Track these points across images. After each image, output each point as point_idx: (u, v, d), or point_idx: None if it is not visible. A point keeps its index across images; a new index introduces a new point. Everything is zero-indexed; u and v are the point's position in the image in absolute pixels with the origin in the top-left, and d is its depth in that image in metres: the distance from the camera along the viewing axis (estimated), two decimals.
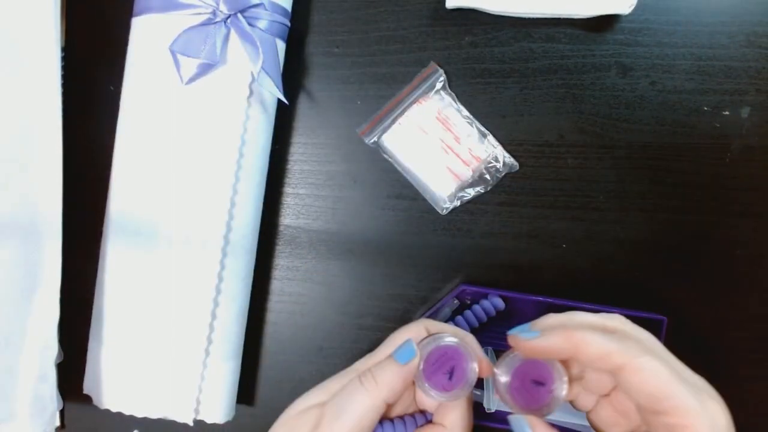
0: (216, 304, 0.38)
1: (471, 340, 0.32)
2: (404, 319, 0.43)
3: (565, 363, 0.30)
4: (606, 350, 0.26)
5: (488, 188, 0.42)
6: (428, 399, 0.32)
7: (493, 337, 0.42)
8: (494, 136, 0.42)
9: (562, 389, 0.29)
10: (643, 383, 0.26)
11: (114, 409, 0.39)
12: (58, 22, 0.36)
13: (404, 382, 0.30)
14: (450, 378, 0.31)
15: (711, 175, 0.41)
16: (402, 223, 0.43)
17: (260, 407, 0.45)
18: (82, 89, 0.43)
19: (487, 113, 0.42)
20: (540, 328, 0.29)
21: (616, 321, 0.29)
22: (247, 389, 0.44)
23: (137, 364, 0.37)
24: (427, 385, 0.30)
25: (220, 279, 0.37)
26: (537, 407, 0.29)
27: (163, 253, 0.37)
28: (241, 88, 0.36)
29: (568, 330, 0.27)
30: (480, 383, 0.41)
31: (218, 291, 0.37)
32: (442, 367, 0.30)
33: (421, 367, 0.31)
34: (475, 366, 0.31)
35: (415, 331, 0.33)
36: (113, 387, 0.38)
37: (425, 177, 0.42)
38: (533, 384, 0.29)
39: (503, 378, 0.30)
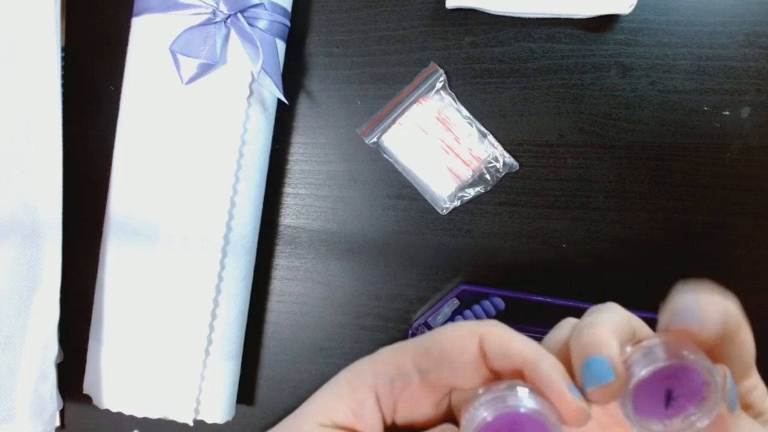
0: (216, 304, 0.38)
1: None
2: (404, 318, 0.43)
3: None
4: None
5: (488, 188, 0.42)
6: None
7: None
8: (494, 136, 0.42)
9: (708, 414, 0.20)
10: (749, 344, 0.21)
11: (114, 409, 0.39)
12: (58, 22, 0.36)
13: None
14: None
15: (711, 175, 0.41)
16: (402, 223, 0.43)
17: (260, 407, 0.45)
18: (82, 89, 0.43)
19: (487, 113, 0.42)
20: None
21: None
22: (247, 389, 0.44)
23: (137, 364, 0.37)
24: None
25: (220, 279, 0.37)
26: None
27: (163, 253, 0.37)
28: (241, 88, 0.36)
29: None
30: None
31: (218, 291, 0.37)
32: None
33: None
34: None
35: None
36: (113, 387, 0.38)
37: (425, 177, 0.42)
38: (667, 398, 0.20)
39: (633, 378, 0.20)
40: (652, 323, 0.40)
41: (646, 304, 0.41)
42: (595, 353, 0.19)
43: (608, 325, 0.20)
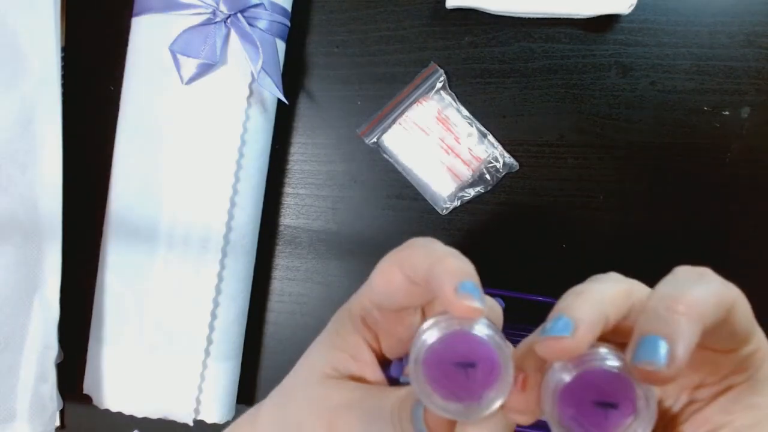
0: (216, 304, 0.38)
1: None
2: None
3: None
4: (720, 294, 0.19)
5: (488, 188, 0.42)
6: None
7: None
8: (494, 136, 0.42)
9: (645, 425, 0.19)
10: (744, 315, 0.20)
11: (114, 409, 0.39)
12: (58, 22, 0.36)
13: None
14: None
15: (711, 175, 0.41)
16: (402, 223, 0.43)
17: None
18: (82, 89, 0.43)
19: (487, 113, 0.42)
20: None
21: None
22: (247, 389, 0.44)
23: (137, 364, 0.37)
24: None
25: (220, 279, 0.37)
26: None
27: (163, 253, 0.37)
28: (241, 88, 0.36)
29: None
30: None
31: (218, 291, 0.37)
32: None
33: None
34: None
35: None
36: (113, 387, 0.38)
37: (425, 177, 0.42)
38: (596, 405, 0.19)
39: (563, 376, 0.19)
40: None
41: None
42: (563, 313, 0.19)
43: (594, 295, 0.20)
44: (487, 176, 0.42)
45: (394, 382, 0.25)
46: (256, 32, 0.36)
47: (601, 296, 0.20)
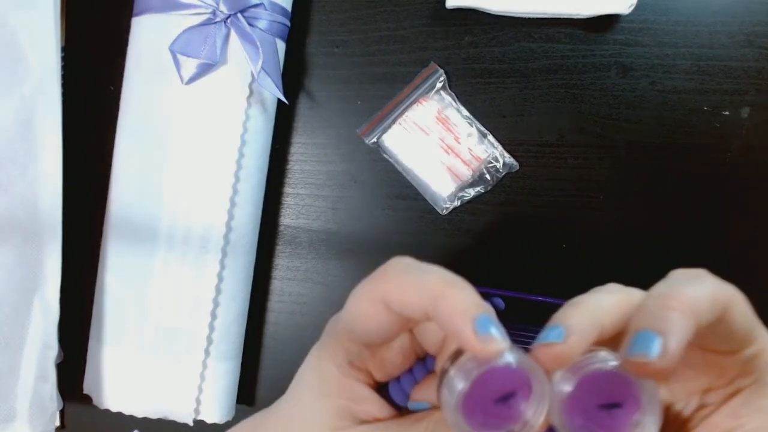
0: (216, 304, 0.38)
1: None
2: None
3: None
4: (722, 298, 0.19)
5: (488, 188, 0.42)
6: None
7: None
8: (494, 136, 0.42)
9: (653, 419, 0.19)
10: (743, 315, 0.20)
11: (114, 409, 0.39)
12: (58, 22, 0.36)
13: None
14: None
15: (711, 175, 0.41)
16: (402, 223, 0.43)
17: (260, 407, 0.45)
18: (82, 89, 0.43)
19: (487, 113, 0.42)
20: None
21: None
22: (247, 389, 0.44)
23: (137, 364, 0.37)
24: None
25: (220, 279, 0.37)
26: None
27: (163, 253, 0.37)
28: (241, 88, 0.36)
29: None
30: None
31: (218, 291, 0.37)
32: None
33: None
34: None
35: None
36: (113, 387, 0.38)
37: (425, 177, 0.42)
38: (601, 408, 0.19)
39: (564, 387, 0.19)
40: None
41: None
42: (557, 323, 0.19)
43: (589, 304, 0.20)
44: (487, 176, 0.42)
45: (397, 404, 0.25)
46: (256, 32, 0.36)
47: (596, 305, 0.20)
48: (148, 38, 0.37)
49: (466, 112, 0.42)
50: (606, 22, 0.40)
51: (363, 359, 0.23)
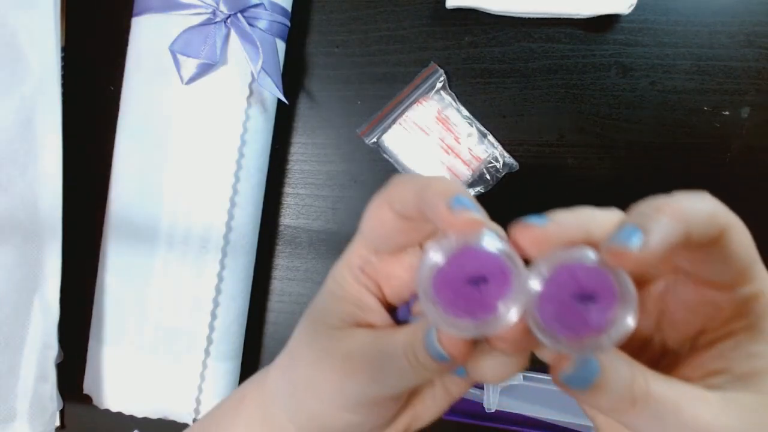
0: (216, 304, 0.38)
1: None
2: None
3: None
4: (711, 209, 0.18)
5: (488, 188, 0.42)
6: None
7: None
8: (494, 136, 0.42)
9: (628, 313, 0.18)
10: (742, 244, 0.19)
11: (114, 409, 0.39)
12: (58, 22, 0.36)
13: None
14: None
15: (711, 175, 0.41)
16: None
17: None
18: (82, 89, 0.43)
19: (487, 113, 0.42)
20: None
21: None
22: None
23: (137, 364, 0.37)
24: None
25: (220, 279, 0.37)
26: (585, 338, 0.18)
27: (163, 253, 0.37)
28: (241, 88, 0.36)
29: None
30: (480, 383, 0.41)
31: (218, 291, 0.37)
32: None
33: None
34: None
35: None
36: (113, 387, 0.38)
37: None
38: (577, 301, 0.18)
39: (533, 288, 0.18)
40: None
41: None
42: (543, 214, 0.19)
43: (580, 209, 0.20)
44: (487, 176, 0.42)
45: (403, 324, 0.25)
46: (256, 32, 0.36)
47: (589, 212, 0.20)
48: (148, 38, 0.37)
49: (466, 112, 0.42)
50: (606, 22, 0.40)
51: (374, 269, 0.24)
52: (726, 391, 0.19)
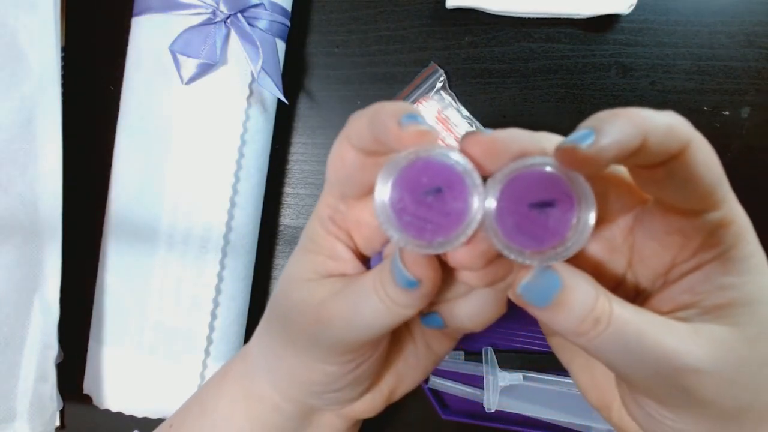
0: (216, 304, 0.38)
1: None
2: None
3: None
4: (669, 122, 0.17)
5: None
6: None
7: (492, 337, 0.42)
8: None
9: (589, 211, 0.18)
10: (705, 163, 0.18)
11: (114, 409, 0.39)
12: (58, 22, 0.36)
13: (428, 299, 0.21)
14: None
15: None
16: None
17: None
18: (82, 89, 0.43)
19: (487, 113, 0.42)
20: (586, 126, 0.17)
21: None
22: None
23: (137, 364, 0.37)
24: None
25: (220, 279, 0.37)
26: (547, 246, 0.18)
27: (163, 253, 0.37)
28: (241, 88, 0.36)
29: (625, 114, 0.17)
30: (480, 383, 0.41)
31: (218, 291, 0.37)
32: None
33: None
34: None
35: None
36: (113, 387, 0.38)
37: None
38: (535, 208, 0.18)
39: (490, 203, 0.18)
40: None
41: None
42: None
43: (536, 133, 0.21)
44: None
45: None
46: (256, 32, 0.36)
47: (544, 133, 0.20)
48: (148, 38, 0.37)
49: (466, 112, 0.42)
50: (606, 22, 0.40)
51: (343, 217, 0.23)
52: (695, 323, 0.18)
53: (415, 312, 0.21)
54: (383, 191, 0.19)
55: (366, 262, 0.24)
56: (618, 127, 0.17)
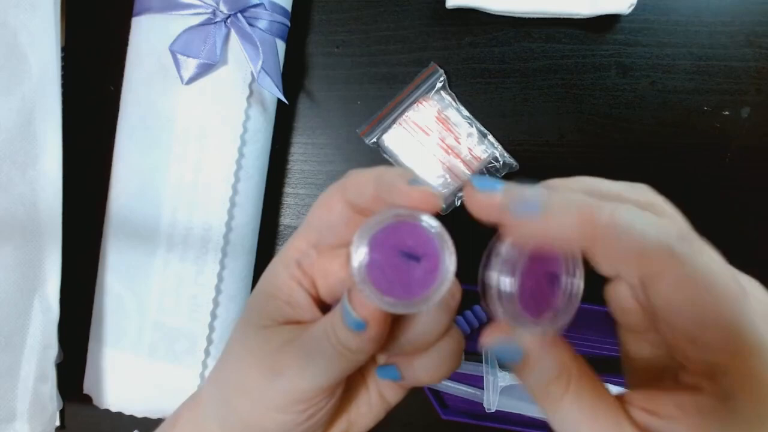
0: (216, 304, 0.38)
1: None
2: None
3: None
4: (644, 239, 0.17)
5: None
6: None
7: None
8: (494, 136, 0.42)
9: (580, 281, 0.19)
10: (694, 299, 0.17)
11: (114, 409, 0.39)
12: (58, 22, 0.36)
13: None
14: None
15: (711, 175, 0.41)
16: None
17: None
18: (82, 89, 0.43)
19: (487, 113, 0.42)
20: (543, 197, 0.19)
21: (643, 191, 0.21)
22: None
23: (137, 364, 0.37)
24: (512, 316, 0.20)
25: (220, 279, 0.37)
26: (547, 314, 0.20)
27: (163, 253, 0.37)
28: (241, 88, 0.36)
29: (585, 204, 0.18)
30: (480, 383, 0.41)
31: (218, 291, 0.37)
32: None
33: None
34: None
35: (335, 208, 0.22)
36: (113, 387, 0.38)
37: (425, 177, 0.42)
38: (547, 279, 0.20)
39: (508, 281, 0.20)
40: None
41: None
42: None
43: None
44: (487, 176, 0.42)
45: None
46: (256, 32, 0.36)
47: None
48: (148, 38, 0.37)
49: (466, 112, 0.42)
50: (606, 22, 0.40)
51: (311, 263, 0.23)
52: None
53: (366, 357, 0.22)
54: (361, 248, 0.19)
55: (325, 309, 0.24)
56: (564, 209, 0.18)
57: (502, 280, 0.20)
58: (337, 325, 0.21)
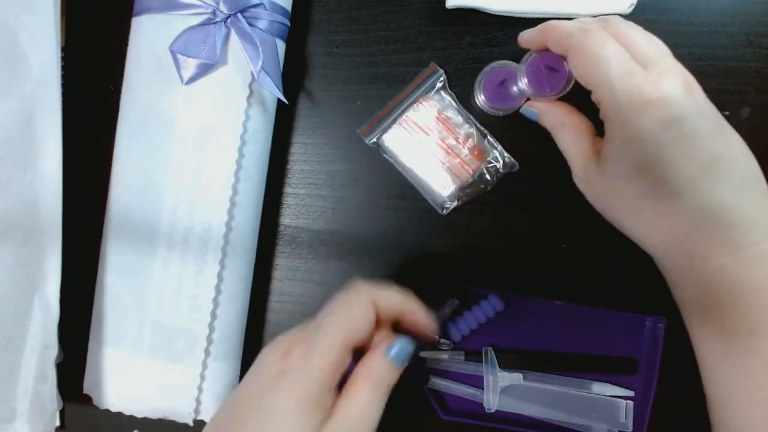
0: (216, 304, 0.38)
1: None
2: None
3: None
4: (566, 32, 0.34)
5: (488, 188, 0.42)
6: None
7: (492, 337, 0.42)
8: (494, 136, 0.42)
9: (570, 69, 0.36)
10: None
11: (114, 409, 0.39)
12: (58, 22, 0.36)
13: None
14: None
15: None
16: (402, 223, 0.43)
17: None
18: (82, 89, 0.43)
19: (487, 113, 0.42)
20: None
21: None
22: None
23: (137, 363, 0.37)
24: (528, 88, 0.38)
25: (220, 279, 0.37)
26: (555, 90, 0.37)
27: (163, 253, 0.37)
28: (241, 88, 0.36)
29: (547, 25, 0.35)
30: (480, 383, 0.41)
31: (218, 291, 0.37)
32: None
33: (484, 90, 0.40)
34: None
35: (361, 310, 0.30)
36: (113, 387, 0.38)
37: (425, 177, 0.42)
38: (548, 69, 0.37)
39: (523, 65, 0.38)
40: (652, 324, 0.40)
41: (646, 305, 0.41)
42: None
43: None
44: (487, 176, 0.42)
45: None
46: (256, 32, 0.36)
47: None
48: (148, 38, 0.37)
49: (466, 112, 0.42)
50: None
51: (346, 363, 0.30)
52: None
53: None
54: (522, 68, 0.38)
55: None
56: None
57: (523, 70, 0.38)
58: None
